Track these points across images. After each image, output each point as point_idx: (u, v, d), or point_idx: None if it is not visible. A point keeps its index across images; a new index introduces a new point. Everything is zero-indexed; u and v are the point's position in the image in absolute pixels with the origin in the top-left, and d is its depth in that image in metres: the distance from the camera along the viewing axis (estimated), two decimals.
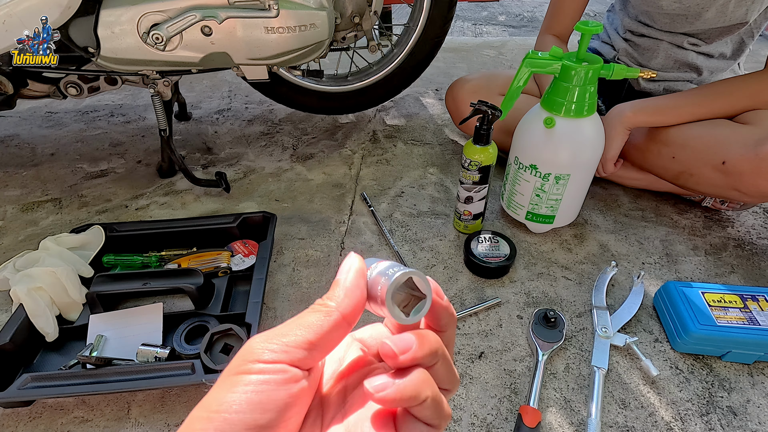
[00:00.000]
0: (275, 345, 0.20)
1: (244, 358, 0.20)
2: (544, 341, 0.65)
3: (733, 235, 0.88)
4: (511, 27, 2.50)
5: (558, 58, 0.70)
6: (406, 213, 0.94)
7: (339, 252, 0.84)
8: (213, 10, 0.78)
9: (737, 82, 0.80)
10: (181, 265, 0.77)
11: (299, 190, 1.00)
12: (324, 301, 0.22)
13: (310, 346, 0.20)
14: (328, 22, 0.85)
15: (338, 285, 0.22)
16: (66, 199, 0.99)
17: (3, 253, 0.85)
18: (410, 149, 1.15)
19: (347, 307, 0.22)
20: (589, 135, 0.74)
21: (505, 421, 0.59)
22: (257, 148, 1.16)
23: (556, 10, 0.98)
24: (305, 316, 0.21)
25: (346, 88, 1.14)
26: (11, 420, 0.60)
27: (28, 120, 1.30)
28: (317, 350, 0.21)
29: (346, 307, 0.22)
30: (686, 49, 0.90)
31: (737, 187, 0.75)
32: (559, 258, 0.83)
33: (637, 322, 0.71)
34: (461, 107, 1.02)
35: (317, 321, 0.21)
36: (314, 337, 0.21)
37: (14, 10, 0.70)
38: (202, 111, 1.34)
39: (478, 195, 0.81)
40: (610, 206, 0.95)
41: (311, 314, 0.21)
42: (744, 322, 0.64)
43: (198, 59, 0.83)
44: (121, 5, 0.76)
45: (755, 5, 0.82)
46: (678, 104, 0.81)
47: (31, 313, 0.65)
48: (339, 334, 0.22)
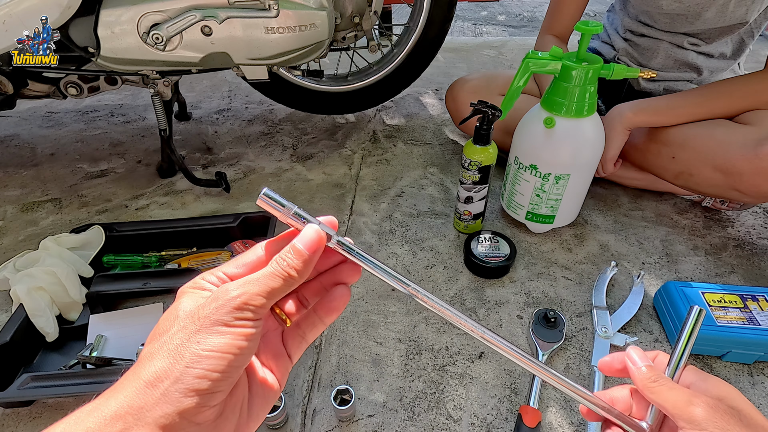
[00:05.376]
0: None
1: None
2: (544, 341, 0.65)
3: (733, 235, 0.88)
4: (511, 27, 2.50)
5: (558, 58, 0.70)
6: (406, 213, 0.94)
7: None
8: (213, 10, 0.78)
9: (737, 82, 0.80)
10: (181, 265, 0.77)
11: (299, 190, 1.00)
12: (287, 268, 0.26)
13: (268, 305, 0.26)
14: (328, 22, 0.85)
15: (302, 256, 0.26)
16: (66, 199, 0.99)
17: (3, 253, 0.85)
18: (410, 149, 1.15)
19: (303, 277, 0.27)
20: (589, 135, 0.74)
21: (505, 421, 0.59)
22: (257, 148, 1.16)
23: (556, 10, 0.98)
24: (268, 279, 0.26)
25: (346, 88, 1.14)
26: (11, 420, 0.60)
27: (28, 120, 1.30)
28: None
29: (303, 277, 0.26)
30: (686, 49, 0.90)
31: (737, 187, 0.75)
32: (559, 258, 0.83)
33: (637, 322, 0.71)
34: (461, 107, 1.02)
35: (273, 283, 0.25)
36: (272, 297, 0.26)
37: (14, 10, 0.70)
38: (202, 111, 1.34)
39: (478, 195, 0.81)
40: (610, 206, 0.95)
41: (269, 279, 0.25)
42: (744, 322, 0.64)
43: (198, 59, 0.83)
44: (121, 5, 0.76)
45: (755, 5, 0.82)
46: (678, 104, 0.81)
47: (31, 313, 0.65)
48: None
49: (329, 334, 0.70)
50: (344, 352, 0.67)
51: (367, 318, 0.72)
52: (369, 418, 0.59)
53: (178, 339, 0.23)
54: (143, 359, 0.23)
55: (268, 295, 0.25)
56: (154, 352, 0.23)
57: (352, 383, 0.63)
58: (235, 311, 0.24)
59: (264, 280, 0.25)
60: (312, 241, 0.27)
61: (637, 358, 0.31)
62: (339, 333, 0.70)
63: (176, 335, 0.23)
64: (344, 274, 0.30)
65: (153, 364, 0.23)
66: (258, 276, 0.25)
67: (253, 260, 0.28)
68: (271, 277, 0.25)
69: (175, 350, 0.23)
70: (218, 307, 0.24)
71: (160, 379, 0.22)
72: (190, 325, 0.24)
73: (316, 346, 0.68)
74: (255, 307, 0.24)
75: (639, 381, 0.30)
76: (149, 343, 0.24)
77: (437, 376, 0.64)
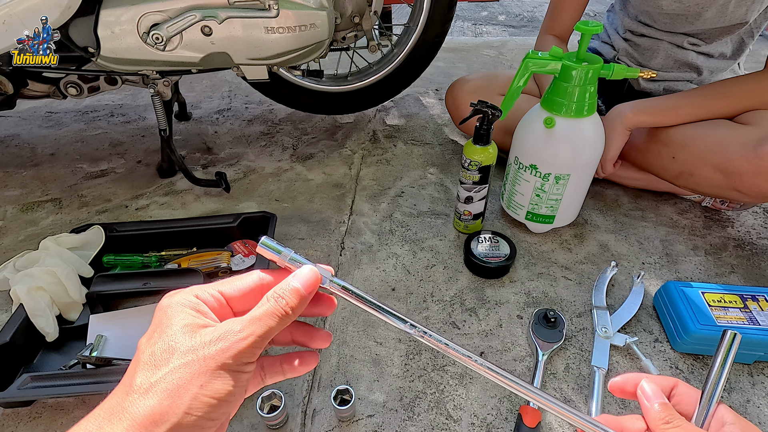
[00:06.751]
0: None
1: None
2: (544, 341, 0.65)
3: (733, 235, 0.88)
4: (511, 27, 2.50)
5: (558, 58, 0.70)
6: (406, 213, 0.94)
7: (339, 252, 0.84)
8: (213, 10, 0.78)
9: (737, 82, 0.80)
10: (181, 265, 0.77)
11: (299, 190, 1.00)
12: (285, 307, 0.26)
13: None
14: (328, 22, 0.85)
15: (299, 295, 0.26)
16: (66, 199, 0.99)
17: (3, 253, 0.85)
18: (410, 149, 1.15)
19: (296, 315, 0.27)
20: (589, 135, 0.74)
21: (505, 421, 0.59)
22: (257, 148, 1.16)
23: (556, 10, 0.98)
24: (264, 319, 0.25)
25: (346, 88, 1.14)
26: (11, 420, 0.60)
27: (28, 120, 1.30)
28: None
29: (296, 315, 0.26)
30: (686, 49, 0.90)
31: (737, 187, 0.75)
32: (559, 258, 0.83)
33: (637, 322, 0.71)
34: (461, 107, 1.02)
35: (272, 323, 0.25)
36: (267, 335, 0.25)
37: (14, 10, 0.70)
38: (202, 111, 1.34)
39: (478, 195, 0.81)
40: (610, 206, 0.95)
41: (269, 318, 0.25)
42: (744, 322, 0.64)
43: (198, 59, 0.83)
44: (121, 5, 0.76)
45: (755, 5, 0.82)
46: (678, 104, 0.81)
47: (31, 313, 0.65)
48: None
49: None
50: (344, 352, 0.67)
51: (367, 318, 0.72)
52: (369, 418, 0.59)
53: (178, 378, 0.22)
54: (137, 390, 0.22)
55: (268, 336, 0.25)
56: (150, 386, 0.22)
57: (352, 383, 0.63)
58: (242, 355, 0.23)
59: (265, 320, 0.25)
60: (308, 279, 0.27)
61: (651, 392, 0.28)
62: (339, 333, 0.70)
63: (176, 372, 0.22)
64: (316, 340, 0.30)
65: (148, 401, 0.22)
66: (259, 315, 0.25)
67: (250, 286, 0.27)
68: (271, 316, 0.25)
69: (175, 391, 0.22)
70: (224, 350, 0.23)
71: (156, 423, 0.21)
72: (193, 364, 0.22)
73: None
74: (258, 351, 0.24)
75: (651, 421, 0.27)
76: (142, 369, 0.23)
77: (437, 376, 0.64)
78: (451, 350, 0.29)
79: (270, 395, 0.57)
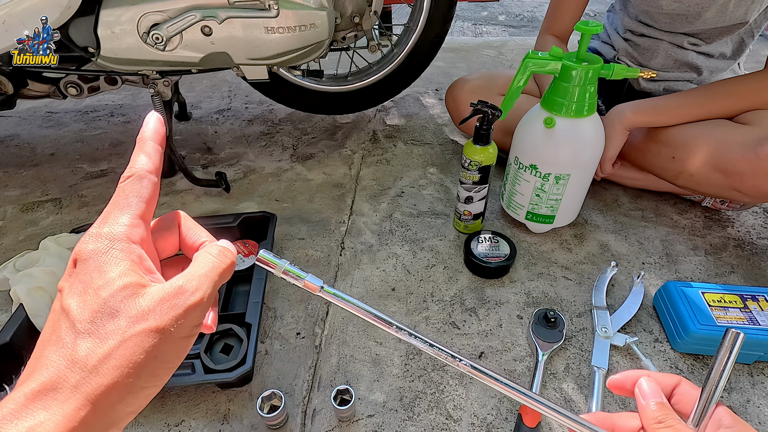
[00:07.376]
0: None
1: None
2: (544, 341, 0.65)
3: (733, 235, 0.88)
4: (511, 27, 2.50)
5: (558, 58, 0.70)
6: (406, 213, 0.94)
7: (339, 252, 0.84)
8: (213, 10, 0.78)
9: (737, 82, 0.80)
10: None
11: (299, 190, 1.00)
12: (231, 257, 0.26)
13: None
14: (328, 22, 0.85)
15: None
16: (66, 199, 0.99)
17: (3, 253, 0.85)
18: (410, 149, 1.15)
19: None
20: (589, 135, 0.74)
21: (505, 421, 0.59)
22: (257, 148, 1.16)
23: (556, 10, 0.98)
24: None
25: (346, 88, 1.14)
26: None
27: (28, 120, 1.30)
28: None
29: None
30: (686, 49, 0.90)
31: (737, 187, 0.75)
32: (559, 258, 0.83)
33: (637, 322, 0.71)
34: (461, 107, 1.02)
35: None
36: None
37: (14, 10, 0.70)
38: (202, 111, 1.34)
39: (478, 195, 0.81)
40: (610, 206, 0.95)
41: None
42: (744, 322, 0.64)
43: (198, 59, 0.83)
44: (121, 5, 0.76)
45: (755, 5, 0.82)
46: (678, 104, 0.81)
47: (32, 313, 0.65)
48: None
49: (329, 334, 0.70)
50: (344, 352, 0.67)
51: None
52: (369, 418, 0.59)
53: (131, 353, 0.20)
54: (83, 365, 0.20)
55: (215, 293, 0.25)
56: (99, 362, 0.20)
57: (352, 383, 0.63)
58: (196, 319, 0.23)
59: (212, 276, 0.24)
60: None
61: (649, 391, 0.27)
62: (339, 333, 0.70)
63: (127, 347, 0.20)
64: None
65: (101, 380, 0.20)
66: (206, 272, 0.24)
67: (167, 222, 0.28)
68: (217, 270, 0.25)
69: (132, 368, 0.20)
70: (177, 317, 0.21)
71: (112, 403, 0.20)
72: (144, 335, 0.20)
73: (316, 345, 0.68)
74: (207, 309, 0.24)
75: (645, 420, 0.26)
76: (83, 337, 0.20)
77: (437, 376, 0.64)
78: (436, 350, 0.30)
79: (270, 395, 0.57)
